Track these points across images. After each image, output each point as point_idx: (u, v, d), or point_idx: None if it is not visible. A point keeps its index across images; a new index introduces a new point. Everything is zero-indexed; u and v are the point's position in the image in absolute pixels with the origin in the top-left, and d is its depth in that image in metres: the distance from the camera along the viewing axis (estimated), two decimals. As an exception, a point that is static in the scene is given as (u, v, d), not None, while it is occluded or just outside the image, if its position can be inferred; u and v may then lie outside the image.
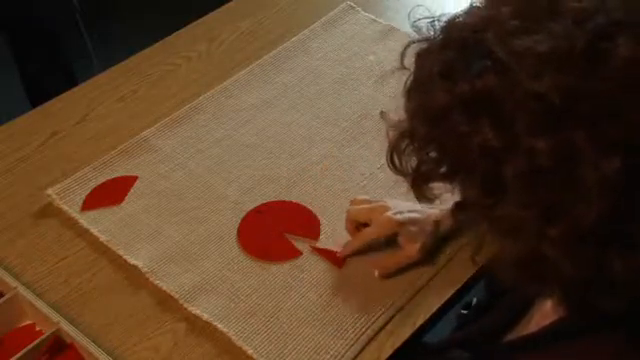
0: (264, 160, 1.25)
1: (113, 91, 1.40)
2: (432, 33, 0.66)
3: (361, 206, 1.08)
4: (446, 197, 0.79)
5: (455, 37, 0.63)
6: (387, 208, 1.05)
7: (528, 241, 0.61)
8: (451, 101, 0.61)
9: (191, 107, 1.34)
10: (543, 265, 0.61)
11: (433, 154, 0.65)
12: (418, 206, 1.06)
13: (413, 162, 0.68)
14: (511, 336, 0.82)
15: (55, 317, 1.01)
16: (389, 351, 1.00)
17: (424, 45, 0.66)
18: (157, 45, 1.50)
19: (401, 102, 0.68)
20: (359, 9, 1.54)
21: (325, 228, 1.14)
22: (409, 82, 0.67)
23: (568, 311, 0.70)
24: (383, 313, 1.03)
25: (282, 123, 1.31)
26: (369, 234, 1.06)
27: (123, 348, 1.01)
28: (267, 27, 1.53)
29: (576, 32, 0.57)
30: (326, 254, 1.10)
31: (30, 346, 0.97)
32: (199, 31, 1.53)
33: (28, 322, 1.05)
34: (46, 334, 0.99)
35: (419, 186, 0.69)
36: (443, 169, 0.65)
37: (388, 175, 1.21)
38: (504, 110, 0.58)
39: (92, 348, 0.97)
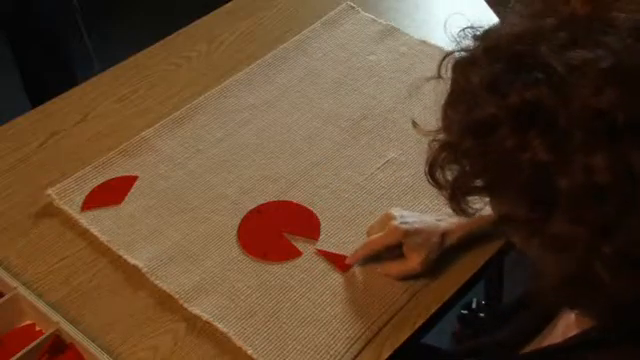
0: (264, 160, 1.25)
1: (113, 91, 1.40)
2: (470, 43, 0.64)
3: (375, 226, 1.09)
4: (448, 211, 0.79)
5: (503, 48, 0.60)
6: (392, 217, 1.04)
7: (579, 259, 0.59)
8: (499, 114, 0.58)
9: (191, 107, 1.34)
10: (590, 284, 0.60)
11: (475, 167, 0.63)
12: (426, 216, 1.06)
13: (451, 175, 0.65)
14: (530, 348, 0.82)
15: (55, 317, 1.01)
16: (389, 351, 1.00)
17: (463, 55, 0.64)
18: (157, 45, 1.50)
19: (435, 112, 0.66)
20: (359, 9, 1.54)
21: (325, 228, 1.14)
22: (450, 93, 0.64)
23: (597, 325, 0.69)
24: (383, 313, 1.03)
25: (282, 123, 1.31)
26: (375, 242, 1.05)
27: (123, 348, 1.01)
28: (267, 27, 1.53)
29: (636, 47, 0.56)
30: (330, 257, 1.10)
31: (30, 346, 0.97)
32: (199, 31, 1.53)
33: (28, 322, 1.05)
34: (46, 334, 0.99)
35: (458, 200, 0.66)
36: (485, 182, 0.63)
37: (388, 175, 1.21)
38: (556, 124, 0.56)
39: (92, 348, 0.97)
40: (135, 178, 1.22)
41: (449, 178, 0.65)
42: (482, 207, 0.67)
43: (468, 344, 0.99)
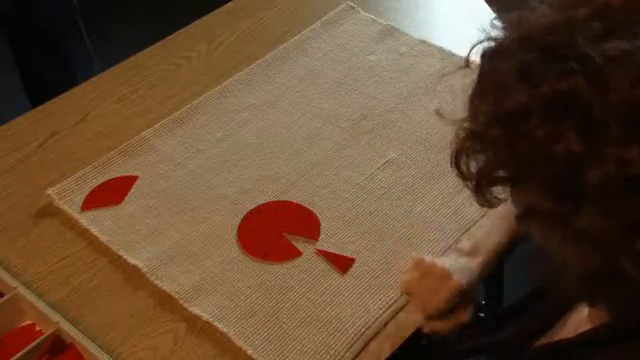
0: (264, 160, 1.25)
1: (113, 91, 1.40)
2: (496, 33, 0.64)
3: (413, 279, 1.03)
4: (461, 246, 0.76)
5: (536, 38, 0.59)
6: (444, 270, 0.98)
7: (606, 253, 0.58)
8: (531, 103, 0.57)
9: (191, 107, 1.34)
10: (614, 280, 0.59)
11: (502, 157, 0.62)
12: (455, 259, 1.01)
13: (476, 165, 0.64)
14: (541, 342, 0.82)
15: (55, 317, 1.01)
16: (389, 351, 1.00)
17: (492, 45, 0.63)
18: (157, 45, 1.50)
19: (461, 101, 0.64)
20: (359, 9, 1.54)
21: (325, 228, 1.14)
22: (478, 83, 0.64)
23: (611, 321, 0.69)
24: (383, 313, 1.03)
25: (282, 123, 1.31)
26: (441, 306, 0.98)
27: (123, 348, 1.01)
28: (267, 27, 1.53)
29: None
30: (330, 257, 1.10)
31: (30, 346, 0.97)
32: (199, 31, 1.53)
33: (28, 322, 1.05)
34: (46, 334, 0.99)
35: (482, 190, 0.65)
36: (511, 173, 0.62)
37: (388, 175, 1.21)
38: (591, 115, 0.55)
39: (92, 348, 0.97)
40: (135, 178, 1.22)
41: (473, 170, 0.64)
42: (506, 197, 0.65)
43: (469, 343, 0.99)
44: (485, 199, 0.66)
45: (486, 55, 0.63)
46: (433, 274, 0.99)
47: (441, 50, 1.43)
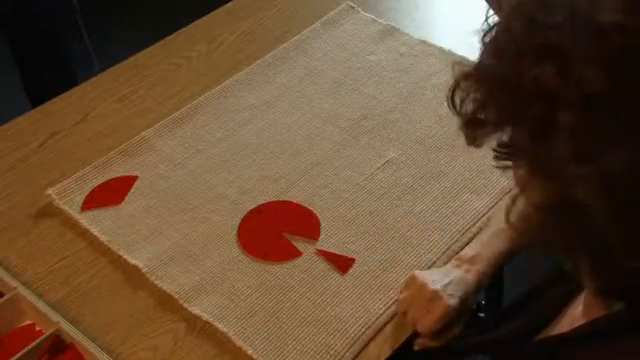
0: (264, 160, 1.25)
1: (113, 91, 1.40)
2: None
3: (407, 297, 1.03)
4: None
5: None
6: (429, 290, 0.98)
7: (565, 182, 0.60)
8: (526, 47, 0.61)
9: (191, 107, 1.34)
10: (576, 211, 0.60)
11: (495, 102, 0.65)
12: (451, 270, 1.01)
13: (470, 106, 0.67)
14: (539, 337, 0.82)
15: (55, 317, 1.01)
16: (389, 351, 1.00)
17: None
18: (157, 45, 1.50)
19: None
20: (359, 9, 1.54)
21: (325, 228, 1.14)
22: (490, 33, 0.67)
23: (606, 314, 0.70)
24: (383, 313, 1.03)
25: (282, 123, 1.31)
26: (432, 326, 0.98)
27: (123, 348, 1.01)
28: (267, 27, 1.53)
29: None
30: (330, 257, 1.10)
31: (30, 346, 0.97)
32: (199, 31, 1.53)
33: (28, 322, 1.05)
34: (46, 334, 0.99)
35: (472, 129, 0.68)
36: (501, 116, 0.65)
37: (388, 175, 1.21)
38: (567, 51, 0.58)
39: (92, 348, 0.97)
40: (135, 178, 1.22)
41: (467, 109, 0.67)
42: (491, 136, 0.68)
43: (468, 342, 0.99)
44: (473, 139, 0.68)
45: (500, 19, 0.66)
46: (423, 295, 0.99)
47: (441, 50, 1.43)
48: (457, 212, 1.15)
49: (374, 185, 1.20)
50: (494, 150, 0.67)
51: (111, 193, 1.20)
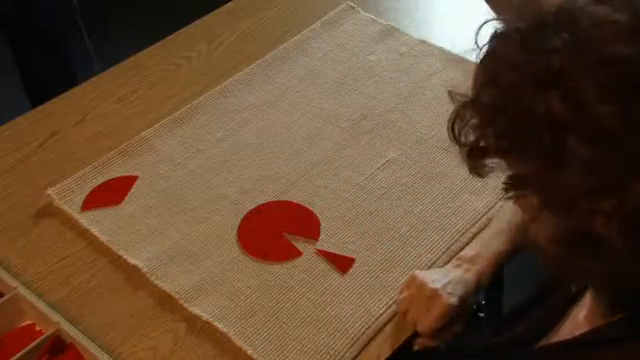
0: (264, 160, 1.25)
1: (113, 91, 1.40)
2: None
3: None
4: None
5: (531, 11, 0.62)
6: (429, 289, 0.98)
7: (582, 215, 0.60)
8: (524, 71, 0.60)
9: (191, 107, 1.34)
10: (592, 244, 0.60)
11: (495, 127, 0.64)
12: (450, 270, 1.01)
13: (471, 136, 0.66)
14: (540, 345, 0.82)
15: (55, 317, 1.01)
16: (389, 351, 1.00)
17: (499, 24, 0.66)
18: (157, 45, 1.50)
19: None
20: (359, 9, 1.54)
21: (325, 228, 1.14)
22: (483, 55, 0.66)
23: (608, 322, 0.70)
24: (383, 313, 1.03)
25: (282, 123, 1.31)
26: (432, 325, 0.98)
27: (123, 348, 1.01)
28: (267, 27, 1.53)
29: None
30: (330, 257, 1.10)
31: (30, 346, 0.97)
32: (199, 31, 1.53)
33: (28, 322, 1.05)
34: (46, 334, 0.99)
35: (474, 159, 0.67)
36: (503, 143, 0.64)
37: (388, 175, 1.21)
38: (574, 79, 0.57)
39: (92, 348, 0.97)
40: (135, 178, 1.22)
41: (469, 139, 0.66)
42: (495, 166, 0.67)
43: (469, 343, 0.99)
44: (476, 169, 0.68)
45: (496, 34, 0.66)
46: (423, 294, 0.99)
47: (441, 50, 1.43)
48: (457, 212, 1.15)
49: (374, 185, 1.20)
50: (503, 183, 0.66)
51: (111, 193, 1.20)
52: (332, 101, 1.35)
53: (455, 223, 1.14)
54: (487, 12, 0.69)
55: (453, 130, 0.67)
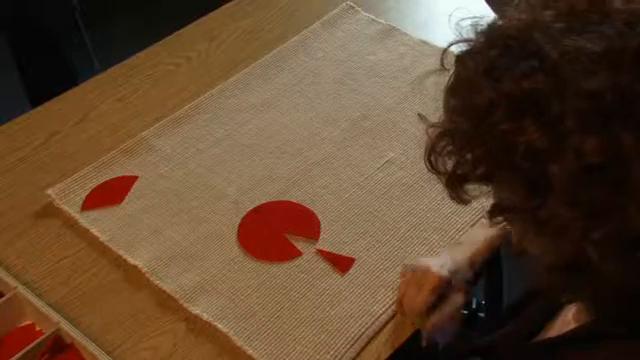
0: (264, 160, 1.25)
1: (113, 91, 1.40)
2: (472, 36, 0.66)
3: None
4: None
5: (500, 37, 0.62)
6: (426, 266, 0.99)
7: (573, 243, 0.59)
8: (496, 98, 0.59)
9: (191, 107, 1.34)
10: (584, 269, 0.60)
11: (472, 155, 0.63)
12: (443, 259, 1.02)
13: (450, 163, 0.66)
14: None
15: (55, 317, 1.01)
16: (389, 351, 1.00)
17: (466, 46, 0.66)
18: (157, 45, 1.50)
19: (438, 105, 0.67)
20: (359, 9, 1.54)
21: (325, 228, 1.14)
22: (451, 81, 0.66)
23: (595, 320, 0.70)
24: (383, 313, 1.03)
25: (282, 123, 1.31)
26: (425, 299, 0.98)
27: (123, 348, 1.01)
28: (267, 27, 1.53)
29: (629, 33, 0.57)
30: (330, 257, 1.10)
31: (30, 346, 0.97)
32: (199, 31, 1.53)
33: (28, 322, 1.05)
34: (46, 334, 0.99)
35: (455, 187, 0.67)
36: (481, 170, 0.63)
37: (388, 175, 1.21)
38: (551, 110, 0.57)
39: (92, 348, 0.97)
40: (135, 178, 1.22)
41: (448, 167, 0.66)
42: (478, 194, 0.67)
43: (469, 343, 0.99)
44: (457, 196, 0.67)
45: (459, 56, 0.66)
46: (415, 276, 0.99)
47: (441, 50, 1.43)
48: (457, 212, 1.15)
49: (374, 185, 1.20)
50: (488, 212, 0.66)
51: (111, 193, 1.20)
52: (332, 101, 1.35)
53: (455, 223, 1.14)
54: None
55: (430, 160, 0.67)
